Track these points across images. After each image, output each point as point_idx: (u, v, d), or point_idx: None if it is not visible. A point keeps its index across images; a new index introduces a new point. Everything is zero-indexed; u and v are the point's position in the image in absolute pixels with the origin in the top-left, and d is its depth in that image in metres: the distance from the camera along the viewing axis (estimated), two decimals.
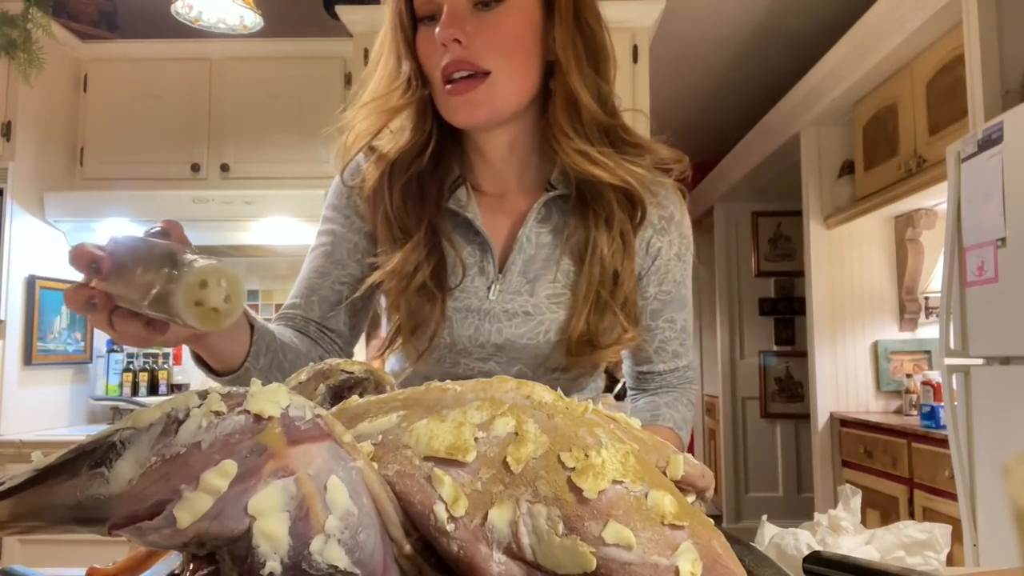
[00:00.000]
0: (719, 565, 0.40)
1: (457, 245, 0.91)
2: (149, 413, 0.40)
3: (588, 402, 0.49)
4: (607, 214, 0.89)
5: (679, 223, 0.96)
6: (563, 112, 0.86)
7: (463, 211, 0.91)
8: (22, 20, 2.53)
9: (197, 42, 2.85)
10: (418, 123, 0.88)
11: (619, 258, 0.89)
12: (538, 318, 0.90)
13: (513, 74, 0.84)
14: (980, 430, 2.02)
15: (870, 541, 0.65)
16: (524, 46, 0.85)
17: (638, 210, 0.91)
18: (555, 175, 0.92)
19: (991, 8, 2.28)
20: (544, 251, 0.92)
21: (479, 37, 0.82)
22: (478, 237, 0.91)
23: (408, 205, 0.89)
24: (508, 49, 0.83)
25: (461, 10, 0.82)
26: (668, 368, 0.99)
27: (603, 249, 0.89)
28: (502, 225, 0.93)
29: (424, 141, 0.88)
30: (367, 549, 0.39)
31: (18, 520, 0.40)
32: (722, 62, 3.93)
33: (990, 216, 1.97)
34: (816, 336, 3.69)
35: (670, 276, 0.96)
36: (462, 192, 0.92)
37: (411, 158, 0.89)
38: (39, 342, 2.67)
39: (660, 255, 0.95)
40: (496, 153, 0.92)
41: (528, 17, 0.85)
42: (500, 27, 0.82)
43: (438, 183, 0.91)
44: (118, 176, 2.85)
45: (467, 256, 0.91)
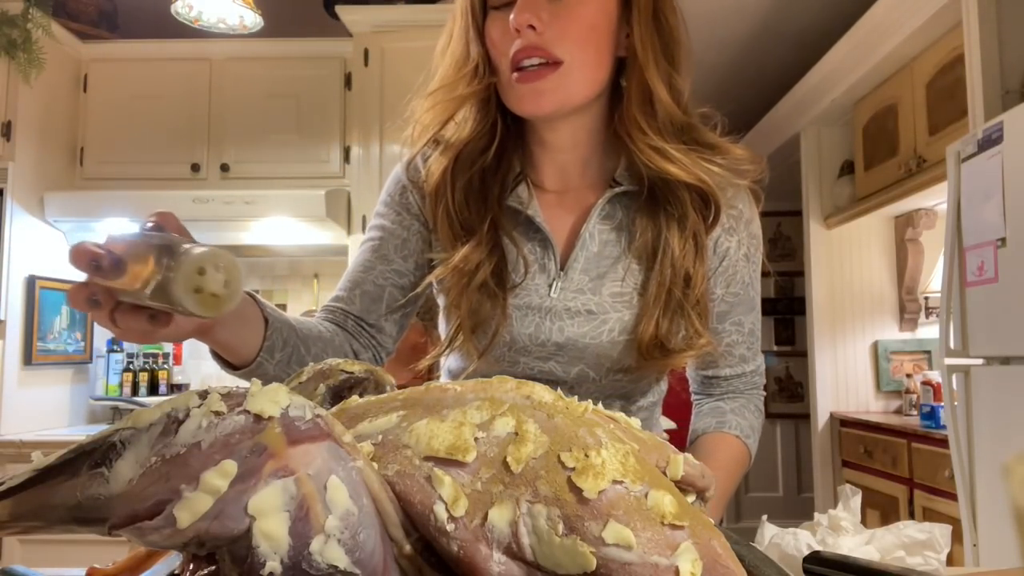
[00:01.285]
0: (719, 565, 0.40)
1: (518, 242, 0.89)
2: (149, 413, 0.40)
3: (588, 402, 0.49)
4: (680, 214, 0.86)
5: (748, 222, 0.92)
6: (639, 108, 0.84)
7: (524, 208, 0.89)
8: (22, 20, 2.53)
9: (197, 42, 2.85)
10: (482, 114, 0.86)
11: (691, 259, 0.86)
12: (601, 316, 0.87)
13: (586, 65, 0.82)
14: (980, 430, 2.02)
15: (870, 541, 0.65)
16: (598, 38, 0.82)
17: (711, 210, 0.87)
18: (620, 171, 0.89)
19: (991, 8, 2.28)
20: (608, 248, 0.89)
21: (554, 24, 0.80)
22: (539, 234, 0.89)
23: (470, 203, 0.88)
24: (582, 39, 0.81)
25: None
26: (735, 373, 0.96)
27: (675, 250, 0.86)
28: (564, 222, 0.91)
29: (488, 133, 0.87)
30: (367, 549, 0.39)
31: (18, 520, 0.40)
32: (722, 62, 3.93)
33: (990, 216, 1.97)
34: (816, 336, 3.69)
35: (738, 277, 0.92)
36: (523, 189, 0.90)
37: (476, 152, 0.87)
38: (39, 342, 2.67)
39: (728, 255, 0.91)
40: (560, 145, 0.90)
41: (605, 8, 0.82)
42: (577, 16, 0.80)
43: (500, 179, 0.90)
44: (118, 176, 2.85)
45: (528, 253, 0.89)
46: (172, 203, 2.66)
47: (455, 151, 0.87)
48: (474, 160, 0.87)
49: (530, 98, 0.82)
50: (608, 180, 0.90)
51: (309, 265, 3.07)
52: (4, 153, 2.57)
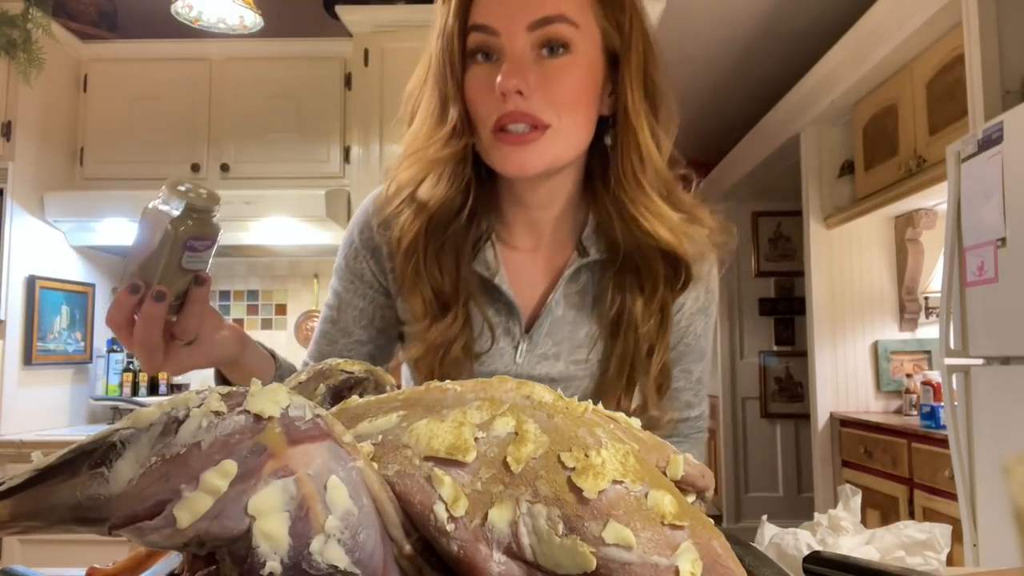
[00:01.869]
0: (719, 565, 0.40)
1: (484, 309, 0.86)
2: (149, 413, 0.40)
3: (588, 402, 0.49)
4: (650, 285, 0.85)
5: (707, 277, 0.92)
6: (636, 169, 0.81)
7: (491, 276, 0.86)
8: (22, 20, 2.53)
9: (197, 42, 2.85)
10: (457, 173, 0.81)
11: (655, 333, 0.85)
12: (563, 384, 0.86)
13: (572, 129, 0.79)
14: (980, 430, 2.02)
15: (870, 541, 0.65)
16: (586, 100, 0.80)
17: (680, 281, 0.85)
18: (587, 232, 0.87)
19: (991, 8, 2.28)
20: (573, 313, 0.88)
21: (542, 89, 0.76)
22: (504, 297, 0.87)
23: (443, 269, 0.84)
24: (570, 104, 0.78)
25: (525, 57, 0.76)
26: (680, 417, 0.95)
27: (639, 323, 0.85)
28: (531, 285, 0.89)
29: (463, 192, 0.82)
30: (367, 549, 0.39)
31: (18, 520, 0.40)
32: (722, 62, 3.93)
33: (990, 216, 1.97)
34: (816, 336, 3.69)
35: (692, 329, 0.92)
36: (490, 252, 0.87)
37: (450, 214, 0.83)
38: (39, 342, 2.67)
39: (684, 308, 0.91)
40: (536, 203, 0.87)
41: (593, 71, 0.80)
42: (564, 80, 0.77)
43: (470, 241, 0.86)
44: (118, 176, 2.85)
45: (492, 317, 0.87)
46: None
47: (428, 213, 0.82)
48: (448, 222, 0.83)
49: (515, 160, 0.78)
50: (577, 236, 0.89)
51: (309, 265, 3.07)
52: (4, 153, 2.57)
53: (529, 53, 0.76)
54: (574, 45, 0.77)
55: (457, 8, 0.78)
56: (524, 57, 0.76)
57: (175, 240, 0.64)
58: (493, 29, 0.76)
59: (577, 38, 0.77)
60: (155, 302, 0.66)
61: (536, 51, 0.77)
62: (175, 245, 0.64)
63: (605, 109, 0.83)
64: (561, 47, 0.77)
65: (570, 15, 0.76)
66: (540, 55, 0.77)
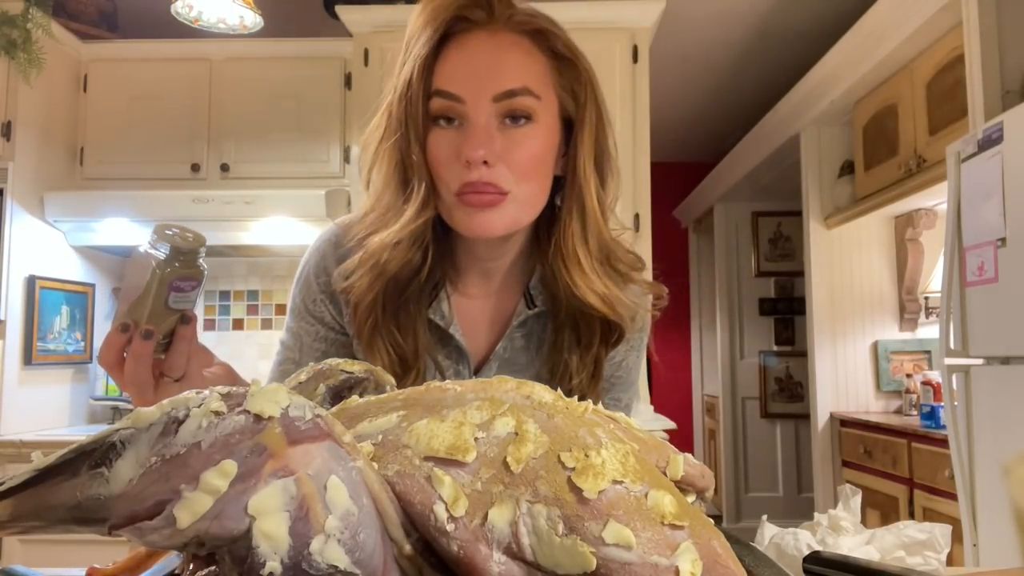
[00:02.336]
0: (719, 565, 0.40)
1: (435, 353, 0.89)
2: (149, 413, 0.40)
3: (588, 402, 0.49)
4: (586, 339, 0.88)
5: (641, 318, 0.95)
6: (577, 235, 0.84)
7: (446, 326, 0.89)
8: (22, 20, 2.53)
9: (197, 42, 2.85)
10: (418, 237, 0.82)
11: (587, 383, 0.90)
12: None
13: (532, 195, 0.82)
14: (980, 430, 2.02)
15: (870, 541, 0.65)
16: (545, 167, 0.82)
17: (614, 336, 0.90)
18: (534, 282, 0.91)
19: (991, 8, 2.28)
20: (519, 355, 0.92)
21: (506, 158, 0.78)
22: (455, 343, 0.90)
23: (403, 332, 0.86)
24: (532, 172, 0.80)
25: (490, 127, 0.78)
26: None
27: (573, 373, 0.89)
28: (481, 331, 0.92)
29: (423, 253, 0.84)
30: (367, 549, 0.39)
31: (18, 520, 0.40)
32: (722, 62, 3.93)
33: (990, 216, 1.97)
34: (816, 336, 3.69)
35: (624, 363, 0.97)
36: (444, 302, 0.89)
37: (409, 275, 0.84)
38: (39, 342, 2.67)
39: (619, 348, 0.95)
40: (490, 255, 0.89)
41: (551, 138, 0.82)
42: (527, 149, 0.79)
43: (425, 292, 0.88)
44: (118, 176, 2.85)
45: (443, 360, 0.90)
46: (172, 203, 2.66)
47: (388, 276, 0.83)
48: (408, 283, 0.85)
49: (479, 223, 0.80)
50: (524, 284, 0.92)
51: None
52: (4, 153, 2.57)
53: (493, 122, 0.78)
54: (536, 115, 0.79)
55: (422, 71, 0.79)
56: (489, 126, 0.78)
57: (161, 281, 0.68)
58: (459, 97, 0.78)
59: (538, 108, 0.80)
60: (143, 340, 0.69)
61: (499, 120, 0.79)
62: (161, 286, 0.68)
63: (558, 170, 0.86)
64: (524, 117, 0.79)
65: (533, 88, 0.79)
66: (503, 124, 0.79)
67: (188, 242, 0.68)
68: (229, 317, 3.10)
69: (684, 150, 5.45)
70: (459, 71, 0.79)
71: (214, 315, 3.10)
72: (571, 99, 0.84)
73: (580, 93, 0.84)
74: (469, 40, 0.80)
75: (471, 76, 0.78)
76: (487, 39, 0.80)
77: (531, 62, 0.81)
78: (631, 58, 2.65)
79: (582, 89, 0.84)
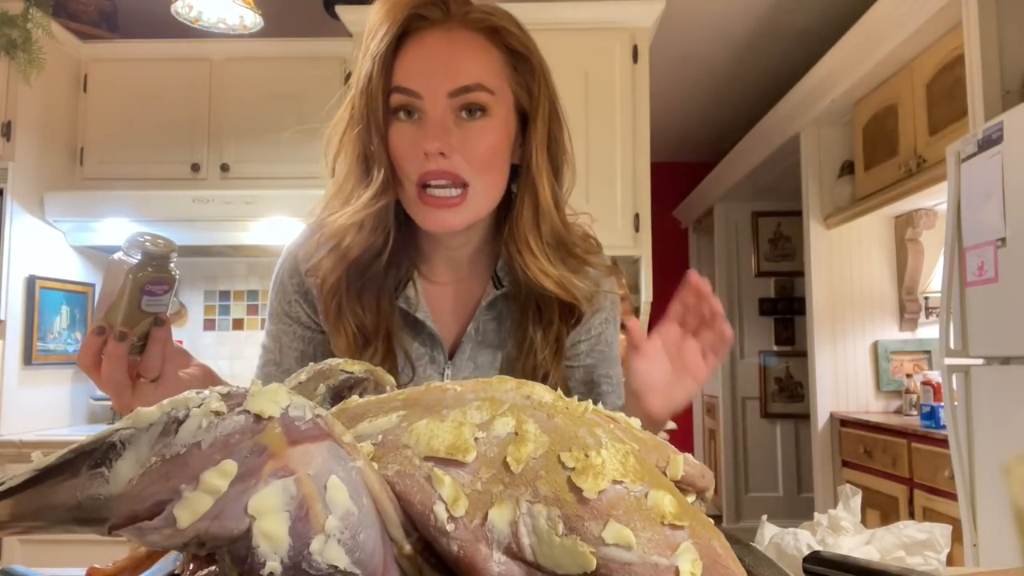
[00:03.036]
0: (719, 565, 0.40)
1: (406, 342, 0.93)
2: (149, 413, 0.40)
3: (588, 402, 0.49)
4: (547, 317, 0.92)
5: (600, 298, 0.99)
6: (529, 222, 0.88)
7: (413, 311, 0.92)
8: (22, 20, 2.53)
9: (197, 42, 2.85)
10: (379, 222, 0.87)
11: (550, 361, 0.93)
12: None
13: (489, 186, 0.86)
14: (980, 430, 2.02)
15: (870, 541, 0.65)
16: (500, 159, 0.86)
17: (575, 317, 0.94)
18: (501, 264, 0.95)
19: (991, 8, 2.28)
20: (490, 336, 0.96)
21: (462, 150, 0.82)
22: (427, 329, 0.93)
23: (365, 308, 0.90)
24: (488, 163, 0.84)
25: (446, 120, 0.82)
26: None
27: (537, 352, 0.92)
28: (451, 317, 0.96)
29: (383, 238, 0.88)
30: (367, 549, 0.39)
31: (18, 520, 0.40)
32: (722, 62, 3.93)
33: (990, 216, 1.97)
34: (816, 336, 3.69)
35: (603, 337, 1.00)
36: (411, 288, 0.93)
37: (370, 258, 0.88)
38: (39, 342, 2.67)
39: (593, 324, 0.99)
40: (454, 244, 0.93)
41: (507, 130, 0.86)
42: (482, 141, 0.83)
43: (391, 279, 0.92)
44: (118, 176, 2.85)
45: (416, 349, 0.93)
46: (172, 203, 2.66)
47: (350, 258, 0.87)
48: (368, 265, 0.89)
49: (438, 220, 0.84)
50: (492, 267, 0.96)
51: None
52: (4, 153, 2.57)
53: (450, 115, 0.82)
54: (491, 109, 0.84)
55: (381, 68, 0.83)
56: (445, 120, 0.82)
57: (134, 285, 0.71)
58: (416, 92, 0.82)
59: (493, 102, 0.84)
60: (118, 342, 0.71)
61: (455, 113, 0.83)
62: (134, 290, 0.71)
63: (515, 159, 0.90)
64: (479, 111, 0.83)
65: (487, 83, 0.83)
66: (460, 117, 0.83)
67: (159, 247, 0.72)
68: (229, 317, 3.10)
69: (684, 150, 5.45)
70: (416, 68, 0.83)
71: (214, 315, 3.10)
72: (525, 93, 0.88)
73: (534, 87, 0.88)
74: (426, 38, 0.84)
75: (427, 73, 0.82)
76: (442, 36, 0.83)
77: (485, 58, 0.84)
78: (631, 58, 2.65)
79: (535, 83, 0.88)
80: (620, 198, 2.63)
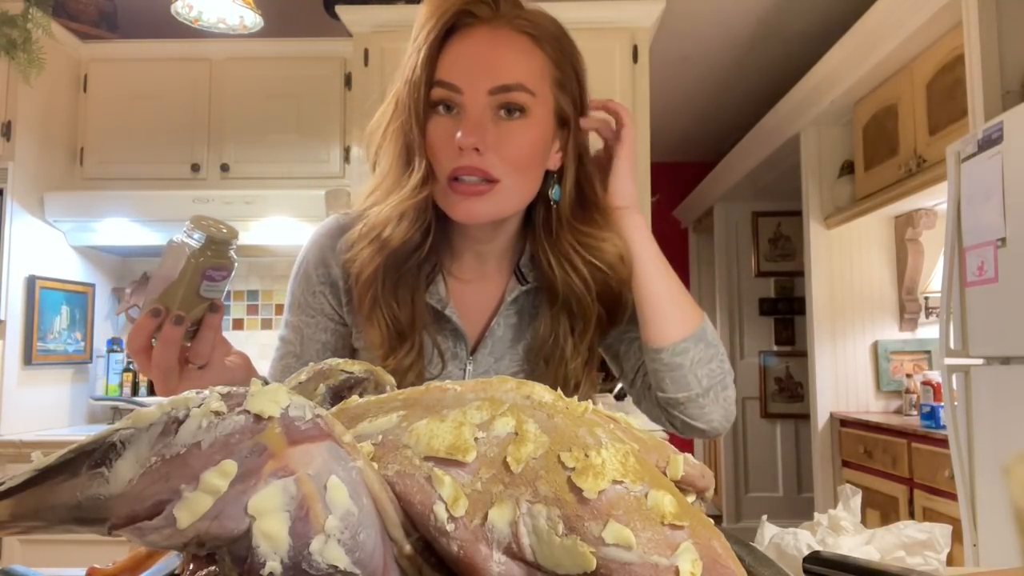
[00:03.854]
0: (719, 565, 0.40)
1: (434, 336, 0.93)
2: (149, 413, 0.40)
3: (588, 402, 0.49)
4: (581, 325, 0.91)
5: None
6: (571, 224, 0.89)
7: (443, 308, 0.93)
8: (22, 20, 2.53)
9: (197, 42, 2.85)
10: (419, 215, 0.87)
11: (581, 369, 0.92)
12: None
13: (520, 185, 0.86)
14: (980, 430, 2.02)
15: (870, 541, 0.65)
16: (536, 161, 0.86)
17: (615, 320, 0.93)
18: (524, 260, 0.95)
19: (991, 8, 2.28)
20: (511, 331, 0.96)
21: (498, 148, 0.82)
22: (451, 325, 0.93)
23: (401, 305, 0.89)
24: (522, 163, 0.84)
25: (484, 117, 0.82)
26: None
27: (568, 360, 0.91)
28: (476, 312, 0.96)
29: (423, 233, 0.88)
30: (367, 549, 0.39)
31: (18, 520, 0.40)
32: (722, 62, 3.93)
33: (990, 216, 1.97)
34: (816, 336, 3.69)
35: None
36: (440, 285, 0.93)
37: (409, 251, 0.88)
38: (39, 342, 2.67)
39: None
40: (484, 238, 0.93)
41: (544, 133, 0.86)
42: (519, 141, 0.83)
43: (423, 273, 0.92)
44: (118, 176, 2.85)
45: (442, 343, 0.93)
46: (172, 203, 2.66)
47: (389, 250, 0.87)
48: (406, 259, 0.89)
49: (464, 208, 0.84)
50: (515, 263, 0.96)
51: None
52: (4, 153, 2.57)
53: (488, 113, 0.82)
54: (530, 110, 0.83)
55: (426, 61, 0.83)
56: (483, 117, 0.82)
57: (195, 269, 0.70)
58: (457, 87, 0.82)
59: (533, 104, 0.83)
60: (174, 326, 0.71)
61: (494, 111, 0.83)
62: (195, 274, 0.70)
63: (552, 164, 0.89)
64: (518, 111, 0.83)
65: (528, 84, 0.83)
66: (498, 115, 0.83)
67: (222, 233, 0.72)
68: (229, 317, 3.10)
69: (684, 150, 5.45)
70: (459, 63, 0.83)
71: None
72: (567, 99, 0.88)
73: (575, 95, 0.88)
74: (471, 34, 0.84)
75: (470, 69, 0.82)
76: (488, 34, 0.84)
77: (529, 60, 0.84)
78: (631, 58, 2.65)
79: (577, 92, 0.89)
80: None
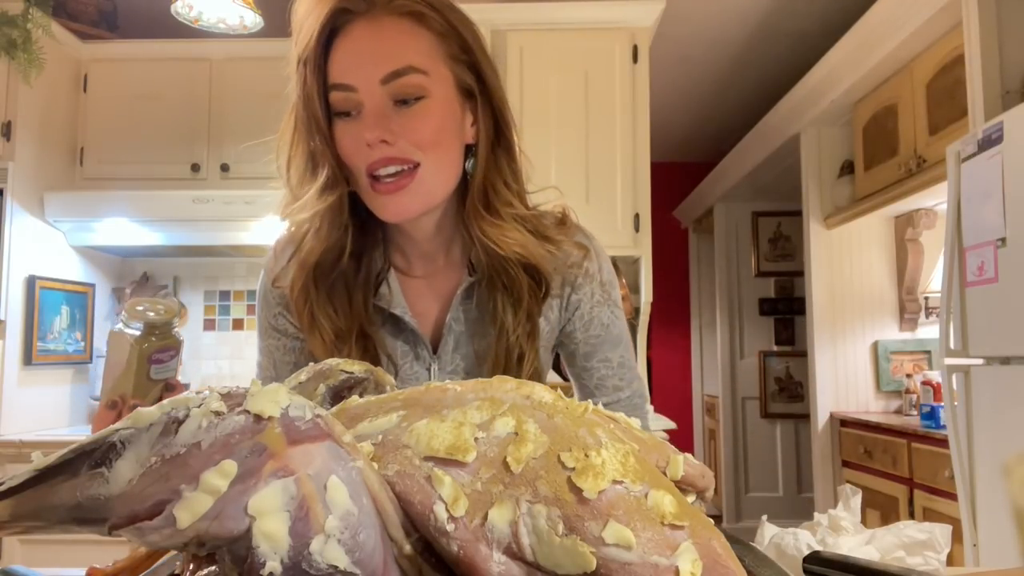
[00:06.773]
0: (719, 565, 0.40)
1: (387, 342, 0.92)
2: (149, 413, 0.40)
3: (588, 402, 0.49)
4: (515, 295, 0.91)
5: (594, 275, 0.98)
6: (484, 195, 0.88)
7: (390, 308, 0.92)
8: (22, 20, 2.53)
9: (197, 42, 2.85)
10: (334, 220, 0.87)
11: (524, 339, 0.92)
12: None
13: (441, 163, 0.85)
14: (980, 430, 2.02)
15: (870, 541, 0.65)
16: (448, 136, 0.86)
17: (542, 287, 0.93)
18: (474, 253, 0.94)
19: (991, 8, 2.28)
20: (470, 326, 0.95)
21: (404, 135, 0.82)
22: (407, 325, 0.93)
23: (338, 312, 0.89)
24: (433, 142, 0.84)
25: (383, 108, 0.82)
26: (611, 400, 1.01)
27: (510, 331, 0.91)
28: (430, 309, 0.95)
29: (342, 237, 0.88)
30: (367, 549, 0.39)
31: (18, 520, 0.40)
32: (722, 62, 3.93)
33: (990, 216, 1.97)
34: (816, 336, 3.69)
35: (596, 321, 0.99)
36: (384, 285, 0.93)
37: (332, 260, 0.88)
38: (39, 342, 2.67)
39: (580, 306, 0.97)
40: (424, 235, 0.93)
41: (449, 108, 0.85)
42: (424, 122, 0.83)
43: (363, 281, 0.92)
44: (118, 176, 2.85)
45: (400, 348, 0.93)
46: (172, 203, 2.66)
47: (312, 261, 0.87)
48: (333, 266, 0.88)
49: (393, 206, 0.84)
50: (468, 256, 0.95)
51: None
52: (4, 153, 2.56)
53: (388, 103, 0.82)
54: (427, 90, 0.83)
55: (314, 70, 0.83)
56: (383, 108, 0.82)
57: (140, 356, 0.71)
58: (350, 86, 0.82)
59: (428, 83, 0.83)
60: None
61: (393, 101, 0.82)
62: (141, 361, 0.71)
63: (469, 138, 0.89)
64: (416, 97, 0.82)
65: (419, 64, 0.82)
66: (398, 105, 0.82)
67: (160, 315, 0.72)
68: (229, 317, 3.10)
69: (684, 150, 5.45)
70: (346, 61, 0.83)
71: (214, 315, 3.10)
72: (464, 70, 0.87)
73: (472, 64, 0.87)
74: (352, 31, 0.83)
75: (358, 64, 0.82)
76: (369, 25, 0.83)
77: (414, 41, 0.83)
78: (631, 58, 2.65)
79: (473, 60, 0.87)
80: (620, 198, 2.63)
